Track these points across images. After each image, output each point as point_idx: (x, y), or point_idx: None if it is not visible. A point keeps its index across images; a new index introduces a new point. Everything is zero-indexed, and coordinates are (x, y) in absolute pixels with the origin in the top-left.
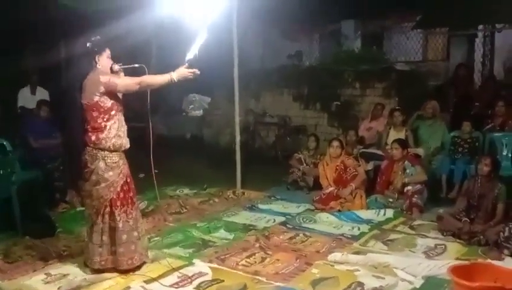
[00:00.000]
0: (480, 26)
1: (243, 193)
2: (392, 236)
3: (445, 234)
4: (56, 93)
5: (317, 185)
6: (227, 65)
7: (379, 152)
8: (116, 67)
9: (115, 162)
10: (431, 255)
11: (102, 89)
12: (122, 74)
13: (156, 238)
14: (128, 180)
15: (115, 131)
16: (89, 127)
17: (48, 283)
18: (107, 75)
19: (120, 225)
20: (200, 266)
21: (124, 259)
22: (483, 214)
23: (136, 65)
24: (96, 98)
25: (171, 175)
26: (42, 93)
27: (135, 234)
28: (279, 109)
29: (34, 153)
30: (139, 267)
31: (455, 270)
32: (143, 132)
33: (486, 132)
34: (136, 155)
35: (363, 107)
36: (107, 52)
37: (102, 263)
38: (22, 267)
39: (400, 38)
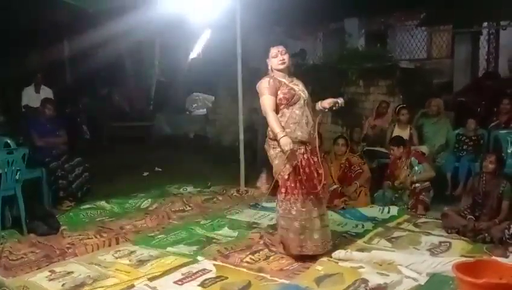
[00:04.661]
0: (485, 24)
1: (247, 191)
2: (397, 234)
3: (449, 231)
4: (60, 91)
5: None
6: (230, 64)
7: (383, 150)
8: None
9: (281, 152)
10: (435, 252)
11: None
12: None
13: (160, 236)
14: (301, 172)
15: (283, 123)
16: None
17: (52, 280)
18: (265, 87)
19: (280, 211)
20: (204, 263)
21: (277, 241)
22: (488, 211)
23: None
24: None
25: (175, 173)
26: (46, 92)
27: (296, 224)
28: None
29: (38, 151)
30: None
31: (460, 267)
32: (148, 130)
33: (491, 129)
34: (140, 154)
35: (367, 105)
36: (270, 53)
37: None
38: (26, 265)
39: (404, 36)
